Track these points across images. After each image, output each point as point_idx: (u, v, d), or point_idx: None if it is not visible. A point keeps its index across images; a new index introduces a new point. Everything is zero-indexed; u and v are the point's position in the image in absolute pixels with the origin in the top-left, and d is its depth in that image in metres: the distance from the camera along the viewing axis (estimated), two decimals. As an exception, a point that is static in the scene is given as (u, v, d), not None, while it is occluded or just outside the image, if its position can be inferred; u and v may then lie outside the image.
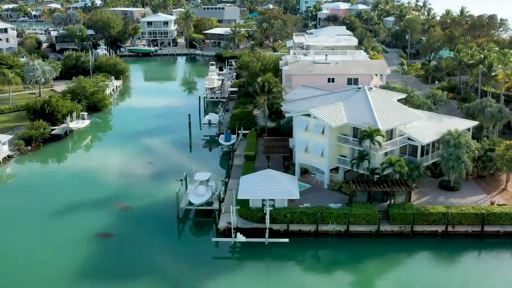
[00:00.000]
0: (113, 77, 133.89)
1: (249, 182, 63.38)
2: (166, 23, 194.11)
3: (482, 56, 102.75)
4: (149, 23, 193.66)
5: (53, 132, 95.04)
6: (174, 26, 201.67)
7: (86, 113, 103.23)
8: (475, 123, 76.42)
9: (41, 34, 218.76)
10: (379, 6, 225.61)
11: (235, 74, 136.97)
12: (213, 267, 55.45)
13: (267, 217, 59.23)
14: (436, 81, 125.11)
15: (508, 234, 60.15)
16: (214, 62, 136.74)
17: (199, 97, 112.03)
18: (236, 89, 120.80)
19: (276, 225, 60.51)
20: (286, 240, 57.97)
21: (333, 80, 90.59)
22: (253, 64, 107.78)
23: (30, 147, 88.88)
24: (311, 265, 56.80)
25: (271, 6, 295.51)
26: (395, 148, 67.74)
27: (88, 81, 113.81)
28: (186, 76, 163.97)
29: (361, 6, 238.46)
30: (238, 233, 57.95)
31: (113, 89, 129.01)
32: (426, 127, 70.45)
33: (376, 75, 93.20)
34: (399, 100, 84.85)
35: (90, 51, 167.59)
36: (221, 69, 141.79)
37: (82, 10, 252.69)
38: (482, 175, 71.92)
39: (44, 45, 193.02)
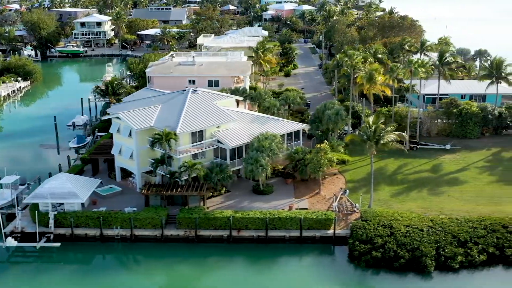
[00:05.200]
0: (19, 78, 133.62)
1: (43, 186, 62.71)
2: (99, 23, 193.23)
3: (361, 57, 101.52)
4: (82, 24, 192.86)
5: None
6: (110, 27, 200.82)
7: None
8: (304, 125, 75.83)
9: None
10: (325, 6, 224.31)
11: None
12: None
13: (51, 221, 59.10)
14: (335, 82, 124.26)
15: (293, 240, 59.44)
16: (111, 64, 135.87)
17: (81, 98, 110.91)
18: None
19: (62, 229, 59.97)
20: (58, 244, 57.36)
21: (194, 82, 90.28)
22: (134, 66, 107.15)
23: None
24: (80, 269, 56.04)
25: (231, 6, 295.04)
26: (206, 151, 67.07)
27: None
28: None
29: (305, 7, 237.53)
30: (9, 238, 57.33)
31: (13, 90, 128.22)
32: (244, 130, 69.64)
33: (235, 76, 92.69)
34: (254, 101, 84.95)
35: (16, 52, 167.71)
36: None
37: (29, 11, 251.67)
38: (305, 179, 71.18)
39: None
